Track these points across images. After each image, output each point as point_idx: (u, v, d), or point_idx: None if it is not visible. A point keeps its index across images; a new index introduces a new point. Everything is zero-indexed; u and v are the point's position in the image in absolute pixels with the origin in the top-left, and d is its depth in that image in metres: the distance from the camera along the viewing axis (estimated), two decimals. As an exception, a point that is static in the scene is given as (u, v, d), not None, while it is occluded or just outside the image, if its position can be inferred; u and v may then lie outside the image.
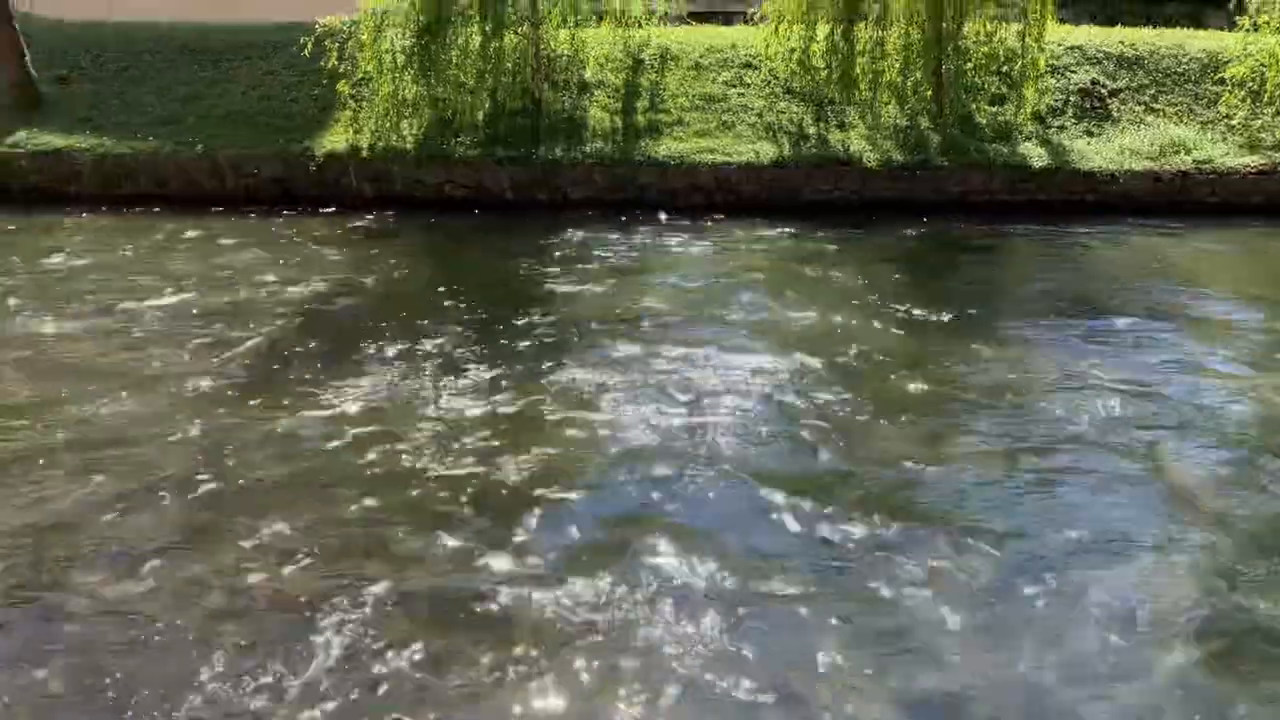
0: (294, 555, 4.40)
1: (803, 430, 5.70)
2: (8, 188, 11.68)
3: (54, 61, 13.39)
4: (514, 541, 4.53)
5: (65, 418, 5.76)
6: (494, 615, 4.02)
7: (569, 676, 3.69)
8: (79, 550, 4.43)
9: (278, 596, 4.12)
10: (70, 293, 8.19)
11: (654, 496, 4.95)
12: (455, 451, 5.36)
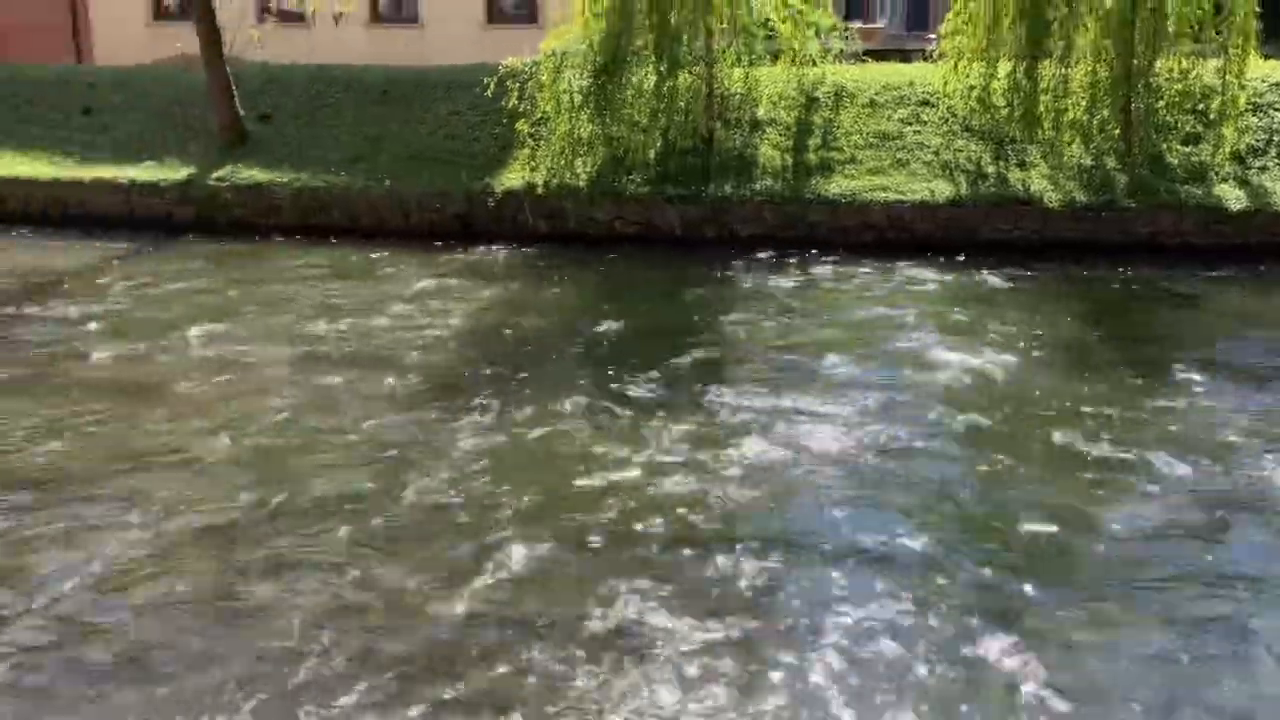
0: (486, 575, 4.51)
1: (970, 477, 5.52)
2: (215, 219, 12.53)
3: (258, 101, 14.30)
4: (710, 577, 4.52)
5: (257, 426, 6.09)
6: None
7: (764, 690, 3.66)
8: (275, 557, 4.66)
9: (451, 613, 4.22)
10: (264, 315, 8.69)
11: (829, 536, 4.88)
12: (627, 477, 5.41)
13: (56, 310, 9.05)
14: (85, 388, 6.98)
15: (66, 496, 5.28)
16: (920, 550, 4.75)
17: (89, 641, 4.07)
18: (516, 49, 13.14)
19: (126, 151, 13.58)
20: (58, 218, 12.74)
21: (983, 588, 4.48)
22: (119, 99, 14.91)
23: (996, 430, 6.15)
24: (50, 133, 14.27)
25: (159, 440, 6.02)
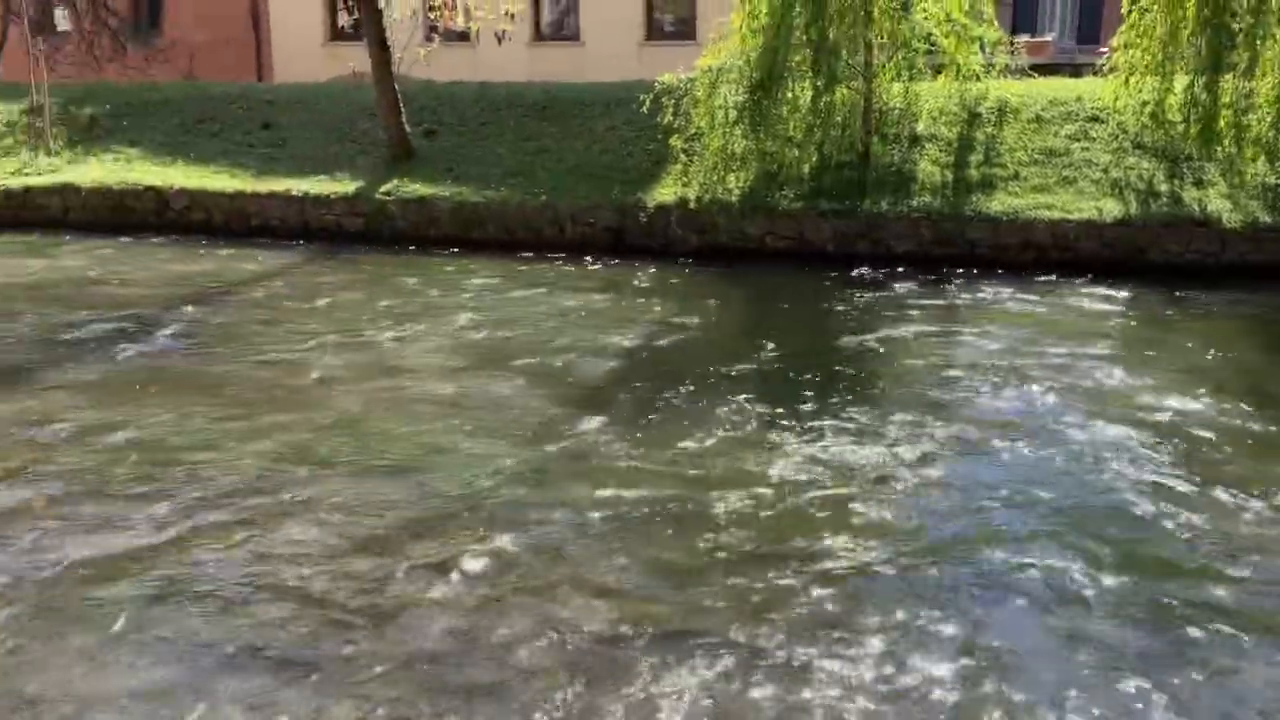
0: (646, 591, 4.54)
1: (1139, 511, 5.26)
2: (380, 230, 13.03)
3: (425, 117, 14.83)
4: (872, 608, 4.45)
5: (417, 434, 6.29)
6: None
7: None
8: (417, 565, 4.79)
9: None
10: (422, 324, 8.97)
11: (1011, 573, 4.72)
12: (768, 494, 5.37)
13: (232, 315, 9.55)
14: (258, 390, 7.33)
15: (239, 498, 5.53)
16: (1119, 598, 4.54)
17: (255, 634, 4.26)
18: (673, 66, 13.24)
19: (301, 165, 14.26)
20: (238, 228, 13.46)
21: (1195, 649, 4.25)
22: (296, 115, 15.68)
23: (1172, 471, 5.83)
24: (232, 147, 15.11)
25: (324, 444, 6.25)
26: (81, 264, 11.94)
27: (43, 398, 7.12)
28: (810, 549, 4.86)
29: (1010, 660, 4.03)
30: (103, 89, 17.80)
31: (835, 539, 4.95)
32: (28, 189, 14.55)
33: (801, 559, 4.76)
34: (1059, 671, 3.96)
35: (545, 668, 3.94)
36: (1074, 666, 3.98)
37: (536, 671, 3.92)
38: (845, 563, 4.74)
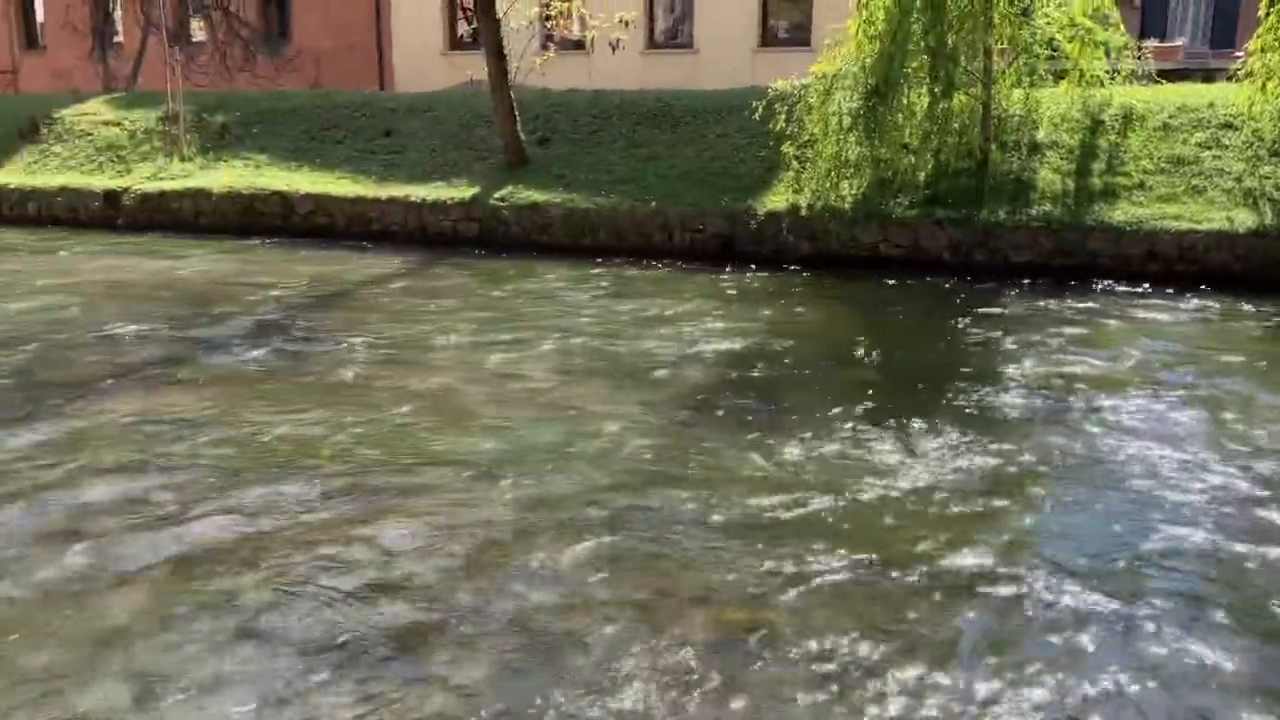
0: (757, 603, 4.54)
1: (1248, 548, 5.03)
2: (493, 235, 13.27)
3: (539, 125, 15.06)
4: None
5: (524, 435, 6.38)
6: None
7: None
8: (520, 564, 4.86)
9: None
10: (532, 327, 9.10)
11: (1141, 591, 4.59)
12: (881, 509, 5.30)
13: (352, 316, 9.84)
14: (376, 388, 7.53)
15: (353, 493, 5.70)
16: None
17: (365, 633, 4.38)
18: (788, 72, 13.18)
19: (420, 172, 14.63)
20: (359, 232, 13.87)
21: None
22: (415, 123, 16.09)
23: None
24: (355, 154, 15.59)
25: (437, 443, 6.40)
26: (211, 265, 12.46)
27: (172, 392, 7.44)
28: (921, 563, 4.77)
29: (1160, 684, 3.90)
30: (234, 97, 18.54)
31: (949, 554, 4.86)
32: (162, 192, 15.26)
33: (907, 572, 4.68)
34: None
35: (644, 674, 3.95)
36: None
37: (635, 676, 3.93)
38: (962, 578, 4.64)
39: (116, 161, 16.72)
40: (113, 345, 8.80)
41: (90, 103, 19.03)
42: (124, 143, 17.13)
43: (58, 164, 17.07)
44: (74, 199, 15.84)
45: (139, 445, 6.34)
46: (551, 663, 4.02)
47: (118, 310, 10.12)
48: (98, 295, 10.83)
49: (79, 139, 17.55)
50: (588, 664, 4.00)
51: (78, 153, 17.24)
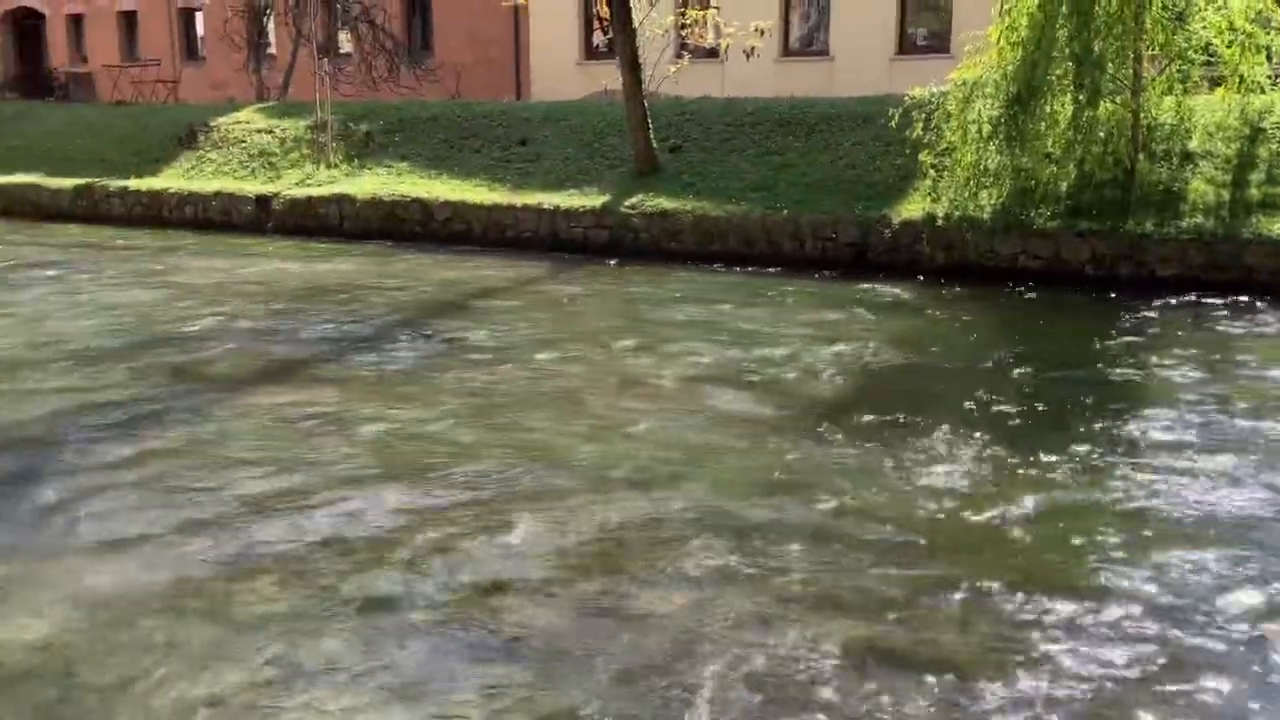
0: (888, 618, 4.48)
1: None
2: (623, 243, 13.39)
3: (671, 133, 15.14)
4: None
5: (651, 440, 6.42)
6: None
7: None
8: (653, 566, 4.89)
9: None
10: (660, 333, 9.14)
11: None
12: (1020, 532, 5.16)
13: (486, 320, 10.05)
14: (507, 391, 7.68)
15: (483, 495, 5.82)
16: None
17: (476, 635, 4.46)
18: (926, 80, 12.95)
19: (553, 180, 14.87)
20: (494, 238, 14.18)
21: None
22: (550, 132, 16.36)
23: None
24: (492, 162, 15.94)
25: (566, 447, 6.48)
26: (355, 268, 12.91)
27: (316, 389, 7.72)
28: (1052, 585, 4.62)
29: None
30: (378, 107, 19.17)
31: (1086, 580, 4.69)
32: (309, 198, 15.87)
33: (1044, 595, 4.53)
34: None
35: (765, 681, 3.93)
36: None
37: (758, 685, 3.91)
38: (1110, 614, 4.47)
39: (267, 168, 17.48)
40: (261, 343, 9.18)
41: (244, 112, 19.93)
42: (275, 150, 17.89)
43: (213, 169, 17.94)
44: (228, 203, 16.62)
45: (283, 439, 6.60)
46: (670, 670, 4.02)
47: (266, 310, 10.58)
48: (247, 295, 11.33)
49: (233, 146, 18.41)
50: (706, 673, 3.99)
51: (232, 159, 18.08)
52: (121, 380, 7.98)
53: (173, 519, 5.40)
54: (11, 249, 15.04)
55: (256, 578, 4.78)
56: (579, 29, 23.62)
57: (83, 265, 13.63)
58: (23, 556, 4.99)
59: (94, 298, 11.29)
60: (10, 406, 7.33)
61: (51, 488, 5.85)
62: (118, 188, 17.79)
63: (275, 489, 5.79)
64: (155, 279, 12.44)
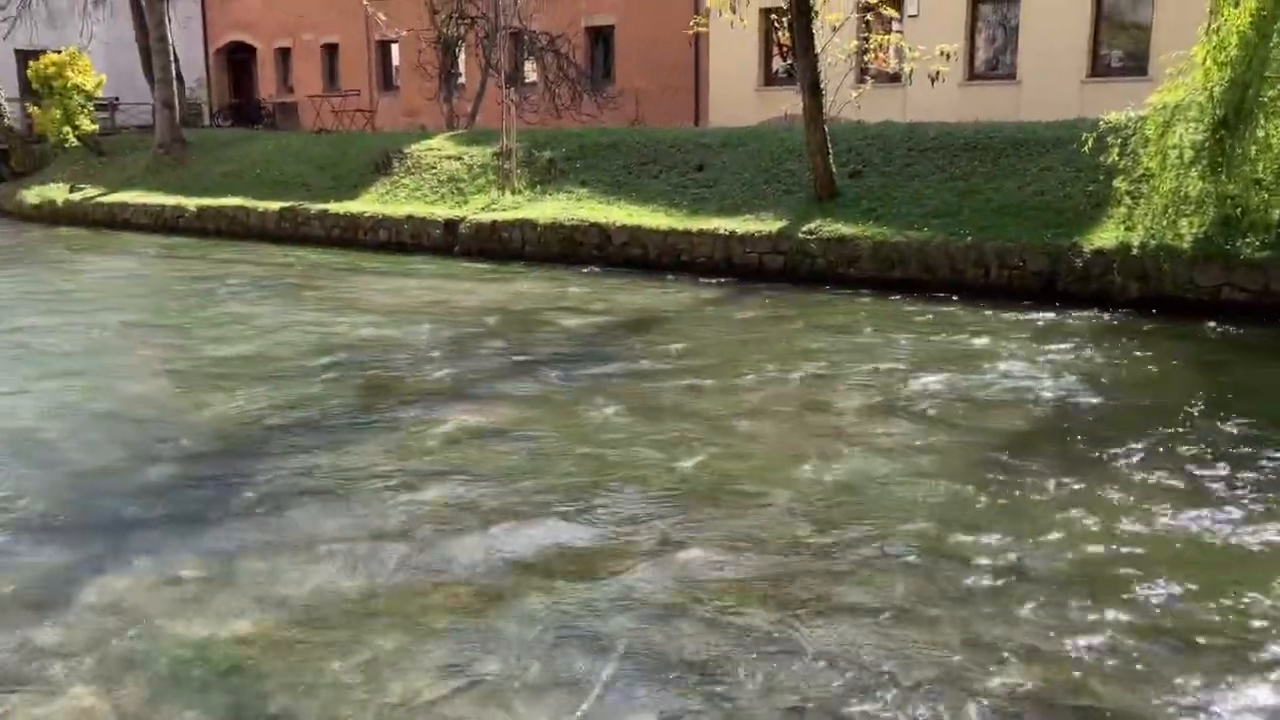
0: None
1: None
2: (798, 267, 13.30)
3: (850, 158, 14.97)
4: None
5: (825, 469, 6.34)
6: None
7: None
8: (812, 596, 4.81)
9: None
10: (836, 361, 9.02)
11: None
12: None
13: (663, 343, 10.14)
14: (683, 414, 7.72)
15: (657, 516, 5.86)
16: None
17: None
18: (1120, 104, 12.41)
19: (729, 205, 14.92)
20: (670, 263, 14.32)
21: None
22: (727, 157, 16.44)
23: None
24: (669, 187, 16.13)
25: (740, 471, 6.47)
26: (535, 290, 13.26)
27: (499, 406, 7.95)
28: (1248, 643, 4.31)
29: None
30: (560, 134, 19.68)
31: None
32: (494, 222, 16.41)
33: (1232, 646, 4.24)
34: None
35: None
36: None
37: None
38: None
39: (456, 193, 18.18)
40: (450, 361, 9.53)
41: (435, 139, 20.80)
42: (463, 176, 18.59)
43: (405, 194, 18.78)
44: (418, 226, 17.35)
45: (468, 453, 6.83)
46: (847, 705, 3.94)
47: (452, 329, 10.98)
48: (436, 315, 11.80)
49: (424, 172, 19.23)
50: (888, 713, 3.89)
51: (423, 184, 18.89)
52: (319, 392, 8.42)
53: (364, 527, 5.65)
54: (224, 266, 16.12)
55: (443, 587, 4.94)
56: (759, 55, 23.67)
57: (286, 283, 14.48)
58: (223, 558, 5.31)
59: (294, 314, 11.97)
60: (217, 414, 7.84)
61: (251, 492, 6.22)
62: (318, 211, 18.83)
63: (462, 501, 5.99)
64: (350, 297, 13.10)
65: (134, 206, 21.95)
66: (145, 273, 16.42)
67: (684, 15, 23.20)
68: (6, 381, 9.07)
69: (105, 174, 24.69)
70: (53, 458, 6.94)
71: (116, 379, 9.01)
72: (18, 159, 27.75)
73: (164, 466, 6.74)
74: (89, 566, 5.23)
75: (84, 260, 17.96)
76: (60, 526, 5.80)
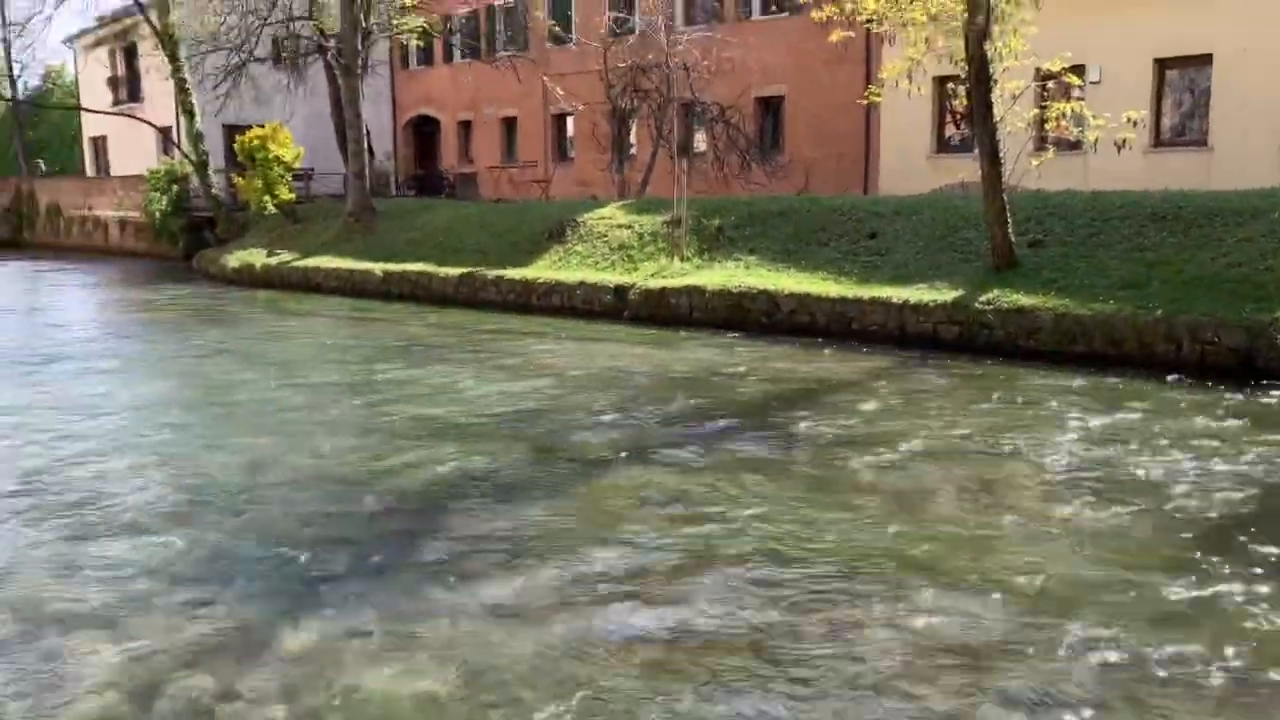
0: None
1: None
2: (974, 338, 12.96)
3: (1030, 228, 14.58)
4: None
5: (1010, 553, 6.11)
6: None
7: None
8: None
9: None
10: (1017, 436, 8.71)
11: None
12: None
13: (832, 413, 10.02)
14: (852, 487, 7.60)
15: (827, 590, 5.76)
16: None
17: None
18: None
19: (901, 273, 14.71)
20: (839, 331, 14.18)
21: None
22: (899, 225, 16.25)
23: None
24: (838, 255, 16.04)
25: (916, 549, 6.30)
26: (704, 357, 13.33)
27: (667, 473, 7.99)
28: None
29: None
30: (729, 202, 19.86)
31: None
32: (663, 289, 16.63)
33: None
34: None
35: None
36: None
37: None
38: None
39: (626, 260, 18.53)
40: (619, 426, 9.66)
41: (607, 208, 21.31)
42: (633, 243, 18.95)
43: (577, 261, 19.26)
44: (589, 292, 17.75)
45: (641, 521, 6.88)
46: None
47: (623, 394, 11.15)
48: (607, 379, 12.00)
49: (596, 240, 19.70)
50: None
51: (594, 252, 19.34)
52: (498, 453, 8.67)
53: (542, 590, 5.75)
54: (407, 329, 16.86)
55: (618, 655, 4.97)
56: (932, 123, 23.40)
57: (465, 345, 15.01)
58: (408, 615, 5.49)
59: (473, 375, 12.37)
60: (404, 472, 8.15)
61: (435, 550, 6.43)
62: (494, 276, 19.51)
63: (635, 568, 6.03)
64: (524, 360, 13.46)
65: (325, 271, 23.23)
66: (335, 334, 17.31)
67: (854, 85, 23.22)
68: (211, 436, 9.68)
69: (300, 240, 26.25)
70: (253, 510, 7.34)
71: (310, 436, 9.48)
72: (222, 226, 29.86)
73: (354, 522, 7.05)
74: (284, 616, 5.49)
75: (279, 321, 19.08)
76: (259, 576, 6.12)
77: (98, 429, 9.90)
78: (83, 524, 7.01)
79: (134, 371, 13.74)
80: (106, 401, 11.29)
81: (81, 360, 14.37)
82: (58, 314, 21.32)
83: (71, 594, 5.84)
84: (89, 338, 17.45)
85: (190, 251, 30.18)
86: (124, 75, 40.80)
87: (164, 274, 28.03)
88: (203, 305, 21.35)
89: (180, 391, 12.32)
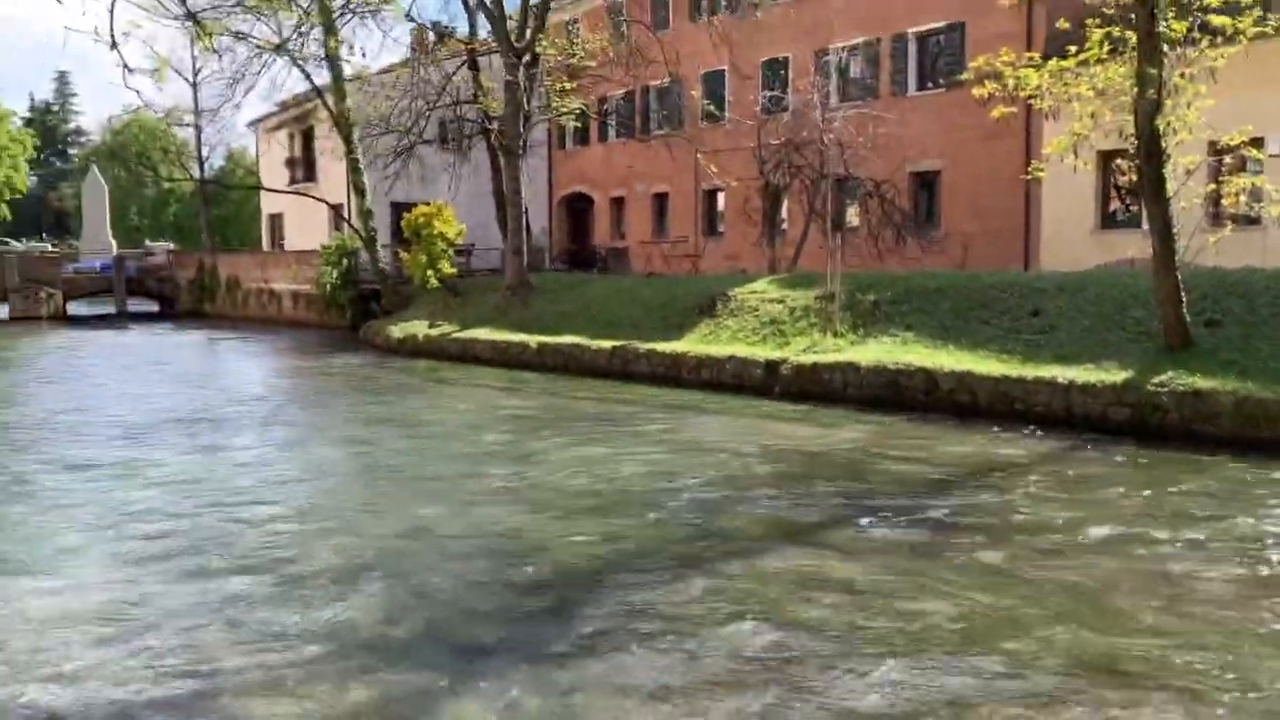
0: None
1: None
2: (1147, 422, 12.33)
3: (1205, 306, 13.88)
4: None
5: (1178, 651, 5.73)
6: None
7: None
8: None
9: None
10: (1197, 529, 8.20)
11: None
12: None
13: (996, 498, 9.65)
14: (1018, 579, 7.27)
15: (991, 688, 5.50)
16: None
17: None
18: None
19: (1067, 353, 14.17)
20: (1001, 411, 13.70)
21: None
22: (1064, 302, 15.70)
23: None
24: (1000, 333, 15.58)
25: (1085, 643, 5.98)
26: (859, 436, 13.07)
27: (822, 557, 7.82)
28: None
29: None
30: (884, 277, 19.60)
31: None
32: (815, 365, 16.45)
33: None
34: None
35: None
36: None
37: None
38: None
39: (777, 335, 18.44)
40: (772, 504, 9.54)
41: (758, 282, 21.32)
42: (784, 318, 18.86)
43: (728, 335, 19.27)
44: (739, 367, 17.70)
45: (791, 605, 6.73)
46: None
47: (776, 471, 11.01)
48: (759, 456, 11.89)
49: (747, 314, 19.69)
50: None
51: (745, 326, 19.33)
52: (650, 529, 8.67)
53: (694, 670, 5.68)
54: (561, 400, 17.15)
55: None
56: (1095, 198, 22.71)
57: (617, 419, 15.15)
58: (561, 691, 5.49)
59: (624, 449, 12.44)
60: (558, 546, 8.21)
61: (588, 626, 6.42)
62: (645, 349, 19.68)
63: (792, 652, 5.90)
64: (676, 436, 13.48)
65: (483, 343, 23.91)
66: (492, 404, 17.69)
67: (1013, 158, 22.79)
68: (374, 503, 9.98)
69: (460, 312, 27.12)
70: (411, 578, 7.49)
71: (468, 506, 9.67)
72: (388, 298, 31.14)
73: (508, 594, 7.12)
74: (440, 687, 5.57)
75: (439, 390, 19.68)
76: (417, 644, 6.23)
77: (271, 494, 10.35)
78: (253, 584, 7.29)
79: (305, 440, 14.34)
80: (278, 466, 11.81)
81: (256, 425, 15.11)
82: (236, 379, 22.53)
83: (241, 656, 6.04)
84: (262, 402, 18.34)
85: (357, 322, 31.56)
86: (301, 156, 43.43)
87: (333, 343, 29.33)
88: (367, 374, 22.21)
89: (350, 462, 12.75)
